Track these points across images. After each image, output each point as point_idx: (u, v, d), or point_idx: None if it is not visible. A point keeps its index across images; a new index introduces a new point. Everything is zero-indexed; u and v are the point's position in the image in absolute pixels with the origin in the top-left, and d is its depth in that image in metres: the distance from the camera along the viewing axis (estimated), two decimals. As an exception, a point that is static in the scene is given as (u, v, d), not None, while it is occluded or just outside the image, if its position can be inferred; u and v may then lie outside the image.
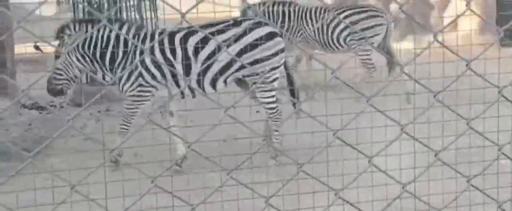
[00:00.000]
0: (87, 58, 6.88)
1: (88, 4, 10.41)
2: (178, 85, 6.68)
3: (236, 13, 10.05)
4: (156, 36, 6.80)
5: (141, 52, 6.62)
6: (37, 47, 7.18)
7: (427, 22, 14.55)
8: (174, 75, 6.60)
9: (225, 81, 6.72)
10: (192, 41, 6.62)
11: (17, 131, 8.19)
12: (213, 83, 6.70)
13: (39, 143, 7.67)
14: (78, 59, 6.92)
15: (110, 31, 6.78)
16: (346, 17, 9.76)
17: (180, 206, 2.25)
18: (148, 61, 6.62)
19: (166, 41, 6.66)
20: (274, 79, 6.76)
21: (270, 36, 6.66)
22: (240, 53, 6.56)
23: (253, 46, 6.59)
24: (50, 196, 4.07)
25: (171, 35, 6.68)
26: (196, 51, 6.58)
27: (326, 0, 15.65)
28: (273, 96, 6.77)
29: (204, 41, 6.58)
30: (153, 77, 6.65)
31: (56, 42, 6.92)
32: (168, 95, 6.75)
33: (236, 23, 6.74)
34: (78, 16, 10.35)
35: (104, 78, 6.87)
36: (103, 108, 9.37)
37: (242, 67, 6.62)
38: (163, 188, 1.98)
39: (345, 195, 2.43)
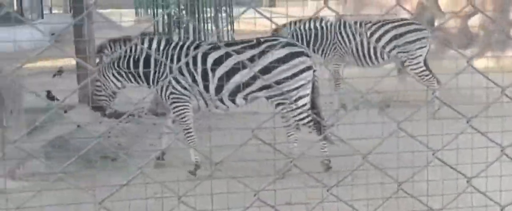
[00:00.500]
0: (123, 74, 7.13)
1: (167, 16, 10.58)
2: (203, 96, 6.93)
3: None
4: (184, 49, 7.02)
5: (171, 67, 6.91)
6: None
7: (507, 39, 14.23)
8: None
9: (245, 99, 6.86)
10: (211, 57, 6.84)
11: (98, 139, 8.37)
12: (233, 99, 6.86)
13: (119, 150, 7.85)
14: (114, 76, 7.18)
15: (144, 45, 7.03)
16: (390, 29, 9.68)
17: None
18: (176, 72, 6.91)
19: (191, 55, 6.95)
20: (299, 98, 6.78)
21: (291, 56, 6.72)
22: (265, 72, 6.66)
23: (270, 68, 6.68)
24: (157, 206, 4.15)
25: (196, 49, 7.01)
26: (214, 68, 6.81)
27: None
28: (305, 112, 6.76)
29: (224, 58, 6.80)
30: (182, 87, 6.91)
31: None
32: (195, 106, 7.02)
33: (257, 44, 6.87)
34: (157, 26, 10.55)
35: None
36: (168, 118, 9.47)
37: (263, 87, 6.72)
38: (265, 201, 1.99)
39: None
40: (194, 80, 6.89)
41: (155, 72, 6.97)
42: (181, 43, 7.25)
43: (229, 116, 6.98)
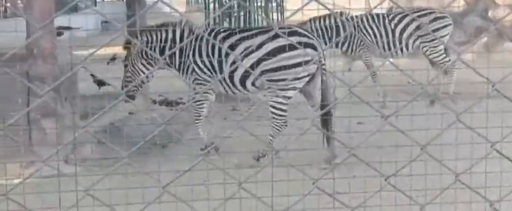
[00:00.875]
0: (151, 63, 7.46)
1: (219, 5, 10.60)
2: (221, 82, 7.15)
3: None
4: (205, 36, 7.16)
5: (194, 53, 7.13)
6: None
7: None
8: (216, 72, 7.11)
9: (253, 84, 7.02)
10: (226, 44, 6.99)
11: (149, 126, 8.47)
12: (243, 84, 7.04)
13: (169, 138, 7.92)
14: (143, 65, 7.46)
15: (167, 34, 7.29)
16: (413, 20, 9.71)
17: (339, 207, 2.24)
18: (197, 59, 7.12)
19: (209, 42, 7.07)
20: (291, 88, 6.82)
21: (293, 46, 6.64)
22: (263, 59, 6.76)
23: (274, 54, 6.72)
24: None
25: (215, 36, 7.13)
26: (227, 53, 6.99)
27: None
28: (282, 104, 6.80)
29: (235, 45, 6.94)
30: (202, 72, 7.13)
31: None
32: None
33: (266, 31, 6.95)
34: (208, 16, 10.59)
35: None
36: (229, 106, 9.52)
37: (265, 72, 6.77)
38: (324, 190, 1.97)
39: (502, 207, 2.35)
40: (212, 66, 7.06)
41: (180, 60, 7.20)
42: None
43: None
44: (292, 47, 6.66)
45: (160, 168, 5.75)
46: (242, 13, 10.58)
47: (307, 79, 6.80)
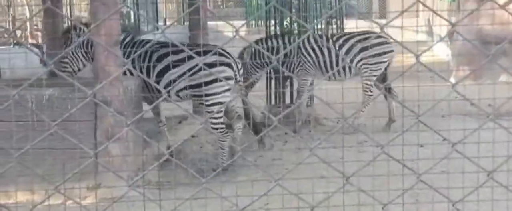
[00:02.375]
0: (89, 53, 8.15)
1: (279, 27, 10.67)
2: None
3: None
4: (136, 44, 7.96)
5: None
6: None
7: None
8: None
9: (177, 95, 7.62)
10: (155, 55, 7.65)
11: (210, 148, 8.57)
12: (168, 92, 7.55)
13: (229, 160, 7.98)
14: (82, 55, 8.26)
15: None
16: (357, 42, 9.60)
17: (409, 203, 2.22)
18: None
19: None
20: (213, 104, 7.47)
21: (214, 64, 7.43)
22: (185, 74, 7.43)
23: (195, 70, 7.38)
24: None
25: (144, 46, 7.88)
26: (154, 66, 7.60)
27: None
28: (216, 118, 7.56)
29: (161, 58, 7.60)
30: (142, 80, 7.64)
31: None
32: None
33: (196, 47, 7.64)
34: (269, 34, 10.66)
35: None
36: (290, 130, 9.53)
37: (188, 87, 7.49)
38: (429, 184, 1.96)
39: None
40: (141, 70, 7.68)
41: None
42: (137, 40, 8.16)
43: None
44: (211, 65, 7.43)
45: (222, 192, 5.80)
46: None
47: (227, 94, 7.50)
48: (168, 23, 20.71)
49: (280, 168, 6.78)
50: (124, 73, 7.58)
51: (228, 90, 7.51)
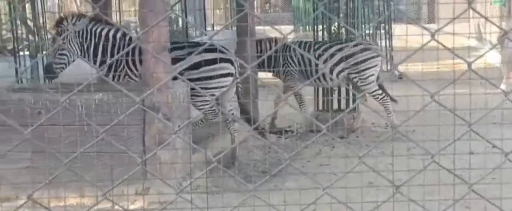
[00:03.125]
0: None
1: (327, 32, 10.62)
2: None
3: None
4: None
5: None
6: None
7: None
8: None
9: None
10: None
11: (258, 153, 8.56)
12: None
13: (278, 166, 7.96)
14: (77, 44, 8.22)
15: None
16: (339, 49, 9.56)
17: None
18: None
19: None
20: (212, 95, 7.91)
21: (214, 61, 7.92)
22: (189, 69, 7.83)
23: (198, 66, 7.86)
24: None
25: None
26: None
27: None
28: (204, 105, 7.91)
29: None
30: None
31: None
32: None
33: (195, 45, 8.40)
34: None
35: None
36: (337, 135, 9.49)
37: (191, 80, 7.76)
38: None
39: None
40: None
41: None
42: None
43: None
44: (212, 61, 7.90)
45: (270, 198, 5.79)
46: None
47: (224, 89, 8.00)
48: (216, 28, 20.83)
49: (328, 175, 6.73)
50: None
51: (226, 85, 8.01)
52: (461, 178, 2.30)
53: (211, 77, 7.90)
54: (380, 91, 9.67)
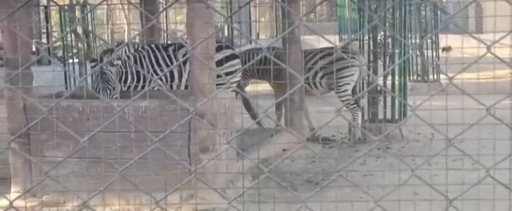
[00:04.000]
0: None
1: (373, 42, 10.55)
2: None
3: None
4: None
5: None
6: None
7: None
8: None
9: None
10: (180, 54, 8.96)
11: (302, 162, 8.55)
12: None
13: (321, 175, 7.93)
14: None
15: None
16: (319, 59, 9.90)
17: None
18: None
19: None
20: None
21: (233, 57, 9.31)
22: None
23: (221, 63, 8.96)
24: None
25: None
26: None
27: None
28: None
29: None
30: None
31: None
32: None
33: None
34: (362, 52, 10.56)
35: None
36: (383, 145, 9.41)
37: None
38: None
39: None
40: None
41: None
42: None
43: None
44: (231, 57, 9.27)
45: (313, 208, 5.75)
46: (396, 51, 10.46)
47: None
48: (260, 36, 20.91)
49: (375, 187, 6.66)
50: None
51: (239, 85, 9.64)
52: (515, 193, 2.26)
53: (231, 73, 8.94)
54: (352, 102, 9.90)
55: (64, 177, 6.48)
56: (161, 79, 8.92)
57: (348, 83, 9.92)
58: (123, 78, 8.35)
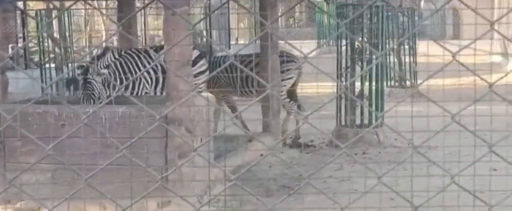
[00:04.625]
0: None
1: (350, 48, 10.60)
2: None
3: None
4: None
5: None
6: None
7: None
8: None
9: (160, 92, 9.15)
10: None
11: (279, 168, 8.56)
12: None
13: (298, 181, 7.95)
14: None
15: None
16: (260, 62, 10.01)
17: None
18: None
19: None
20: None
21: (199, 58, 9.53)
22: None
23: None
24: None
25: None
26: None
27: None
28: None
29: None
30: None
31: None
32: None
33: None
34: (340, 57, 10.61)
35: None
36: (359, 150, 9.45)
37: None
38: None
39: None
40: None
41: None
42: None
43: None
44: (199, 58, 9.50)
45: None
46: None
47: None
48: (240, 41, 20.94)
49: (348, 193, 6.68)
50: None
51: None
52: (481, 200, 2.28)
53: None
54: (288, 99, 10.24)
55: (39, 184, 6.44)
56: (146, 84, 8.97)
57: (285, 86, 10.28)
58: (111, 85, 8.33)
